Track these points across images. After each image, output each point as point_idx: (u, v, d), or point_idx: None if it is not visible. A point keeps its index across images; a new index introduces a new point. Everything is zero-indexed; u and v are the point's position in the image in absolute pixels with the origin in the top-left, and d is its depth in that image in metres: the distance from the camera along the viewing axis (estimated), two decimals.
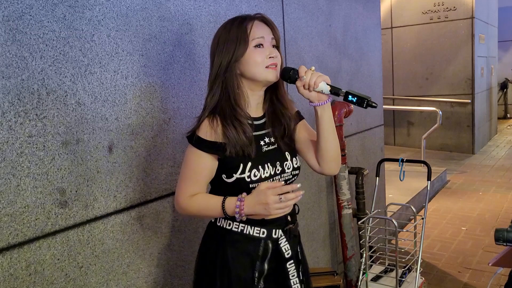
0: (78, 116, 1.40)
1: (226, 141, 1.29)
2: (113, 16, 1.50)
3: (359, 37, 3.27)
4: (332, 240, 2.94)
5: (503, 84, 11.42)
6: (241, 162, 1.30)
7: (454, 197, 5.11)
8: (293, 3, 2.45)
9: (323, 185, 2.83)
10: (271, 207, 1.24)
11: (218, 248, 1.37)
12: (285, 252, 1.40)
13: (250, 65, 1.31)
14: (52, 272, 1.36)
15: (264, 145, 1.37)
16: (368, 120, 3.44)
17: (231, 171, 1.31)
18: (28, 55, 1.27)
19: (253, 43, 1.31)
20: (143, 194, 1.64)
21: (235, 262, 1.35)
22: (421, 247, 2.42)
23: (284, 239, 1.40)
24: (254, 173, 1.31)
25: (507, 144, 8.24)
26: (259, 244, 1.37)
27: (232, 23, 1.34)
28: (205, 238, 1.46)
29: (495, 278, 2.90)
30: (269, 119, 1.40)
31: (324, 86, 1.30)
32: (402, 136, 7.77)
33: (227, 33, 1.32)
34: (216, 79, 1.33)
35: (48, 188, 1.33)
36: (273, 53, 1.33)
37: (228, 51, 1.30)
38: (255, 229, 1.36)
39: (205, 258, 1.42)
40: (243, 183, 1.31)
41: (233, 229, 1.36)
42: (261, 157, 1.34)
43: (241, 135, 1.29)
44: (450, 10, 7.20)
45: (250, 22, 1.32)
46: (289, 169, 1.40)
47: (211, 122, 1.30)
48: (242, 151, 1.30)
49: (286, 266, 1.40)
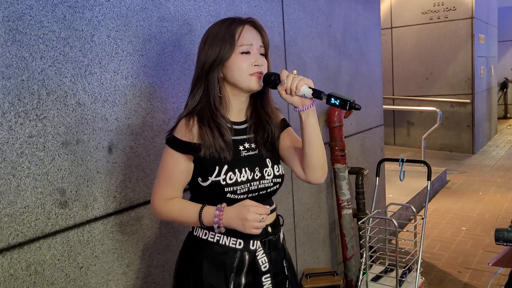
0: (78, 117, 1.41)
1: (201, 142, 1.25)
2: (113, 17, 1.50)
3: (359, 37, 3.27)
4: (332, 240, 2.94)
5: (503, 84, 11.42)
6: (217, 165, 1.26)
7: (454, 197, 5.11)
8: (293, 4, 2.45)
9: (323, 185, 2.83)
10: (249, 224, 1.20)
11: (194, 259, 1.33)
12: (262, 265, 1.32)
13: (234, 70, 1.27)
14: (52, 273, 1.36)
15: (243, 150, 1.32)
16: (368, 120, 3.44)
17: (206, 174, 1.27)
18: (28, 55, 1.27)
19: (240, 49, 1.27)
20: (143, 194, 1.64)
21: (210, 274, 1.30)
22: (421, 247, 2.43)
23: (262, 251, 1.33)
24: (230, 176, 1.26)
25: (507, 144, 8.24)
26: (234, 255, 1.30)
27: (222, 24, 1.30)
28: (182, 248, 1.41)
29: (495, 278, 2.91)
30: (252, 125, 1.36)
31: (306, 89, 1.25)
32: (402, 136, 7.77)
33: (215, 33, 1.29)
34: (198, 79, 1.30)
35: (48, 189, 1.33)
36: (259, 61, 1.29)
37: (214, 52, 1.26)
38: (231, 240, 1.30)
39: (181, 269, 1.38)
40: (218, 186, 1.26)
41: (209, 239, 1.31)
42: (239, 162, 1.29)
43: (217, 138, 1.25)
44: (450, 10, 7.20)
45: (240, 26, 1.27)
46: (269, 176, 1.34)
47: (187, 122, 1.27)
48: (218, 154, 1.25)
49: (261, 280, 1.32)
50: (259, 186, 1.31)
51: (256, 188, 1.31)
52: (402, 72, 7.63)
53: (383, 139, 3.78)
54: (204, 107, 1.28)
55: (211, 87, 1.28)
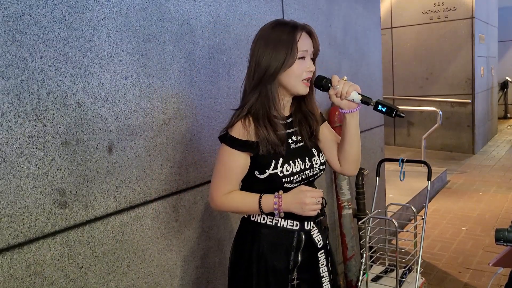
0: (78, 117, 1.40)
1: (258, 140, 1.36)
2: (112, 17, 1.50)
3: (359, 37, 3.27)
4: (332, 240, 2.94)
5: (503, 84, 11.42)
6: (273, 159, 1.38)
7: (454, 197, 5.11)
8: (293, 4, 2.45)
9: (323, 185, 2.83)
10: (307, 207, 1.34)
11: (254, 241, 1.45)
12: (318, 243, 1.49)
13: (291, 76, 1.37)
14: (52, 273, 1.36)
15: (292, 143, 1.45)
16: (368, 120, 3.44)
17: (263, 168, 1.39)
18: (28, 55, 1.26)
19: (298, 54, 1.35)
20: (143, 194, 1.64)
21: (271, 253, 1.43)
22: (422, 247, 2.42)
23: (316, 230, 1.49)
24: (286, 168, 1.39)
25: (507, 144, 8.24)
26: (292, 236, 1.44)
27: (282, 28, 1.36)
28: (239, 233, 1.52)
29: (496, 278, 2.90)
30: (296, 119, 1.48)
31: (356, 95, 1.37)
32: (402, 136, 7.77)
33: (277, 37, 1.35)
34: (260, 83, 1.37)
35: (48, 189, 1.33)
36: (312, 67, 1.39)
37: (278, 58, 1.34)
38: (289, 222, 1.44)
39: (241, 252, 1.48)
40: (277, 178, 1.38)
41: (267, 223, 1.44)
42: (291, 154, 1.42)
43: (272, 134, 1.36)
44: (450, 10, 7.20)
45: (299, 32, 1.35)
46: (317, 164, 1.47)
47: (243, 123, 1.37)
48: (274, 149, 1.37)
49: (317, 255, 1.49)
50: (309, 174, 1.46)
51: (308, 176, 1.45)
52: (402, 72, 7.63)
53: (383, 139, 3.78)
54: (259, 107, 1.38)
55: (270, 90, 1.37)
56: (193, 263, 1.87)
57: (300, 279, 1.46)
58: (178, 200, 1.78)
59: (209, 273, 1.96)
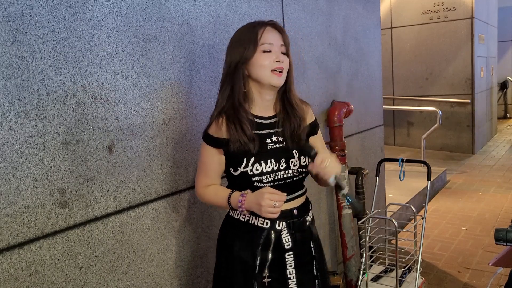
0: (78, 117, 1.41)
1: (229, 137, 1.42)
2: (113, 17, 1.50)
3: (359, 37, 3.27)
4: (332, 240, 2.94)
5: (503, 84, 11.42)
6: (245, 157, 1.42)
7: (454, 197, 5.11)
8: (293, 4, 2.45)
9: None
10: (264, 209, 1.35)
11: (228, 235, 1.54)
12: (285, 243, 1.48)
13: (256, 67, 1.42)
14: (52, 273, 1.36)
15: (270, 143, 1.47)
16: (368, 120, 3.44)
17: (236, 165, 1.44)
18: (28, 55, 1.27)
19: (262, 47, 1.41)
20: (143, 194, 1.64)
21: (240, 249, 1.48)
22: (421, 247, 2.42)
23: (286, 231, 1.48)
24: (256, 167, 1.42)
25: (507, 144, 8.24)
26: (261, 233, 1.47)
27: (246, 27, 1.47)
28: (221, 227, 1.61)
29: (495, 278, 2.91)
30: (281, 119, 1.50)
31: (332, 179, 1.39)
32: (402, 136, 7.78)
33: (239, 36, 1.46)
34: (226, 78, 1.46)
35: (48, 189, 1.33)
36: (280, 58, 1.43)
37: (238, 52, 1.43)
38: (260, 220, 1.47)
39: (219, 244, 1.58)
40: (246, 176, 1.42)
41: (240, 219, 1.50)
42: (265, 153, 1.44)
43: (240, 133, 1.41)
44: (449, 10, 7.20)
45: (262, 27, 1.43)
46: (295, 166, 1.47)
47: (217, 121, 1.45)
48: (244, 147, 1.41)
49: (285, 256, 1.49)
50: (284, 175, 1.46)
51: (281, 177, 1.45)
52: (402, 72, 7.63)
53: (383, 139, 3.78)
54: (230, 105, 1.45)
55: (237, 84, 1.44)
56: (193, 263, 1.87)
57: (271, 278, 1.48)
58: (178, 200, 1.78)
59: (209, 273, 1.96)
